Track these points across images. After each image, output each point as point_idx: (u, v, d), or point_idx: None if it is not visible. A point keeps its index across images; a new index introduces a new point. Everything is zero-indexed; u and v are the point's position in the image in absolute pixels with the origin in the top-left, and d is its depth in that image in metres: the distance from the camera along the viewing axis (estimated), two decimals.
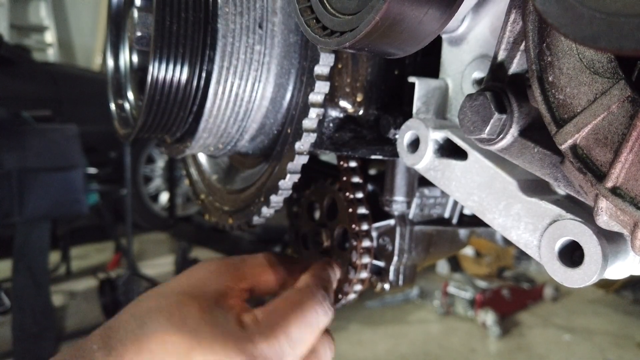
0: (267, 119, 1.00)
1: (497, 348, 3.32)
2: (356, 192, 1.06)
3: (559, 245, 0.64)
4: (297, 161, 0.95)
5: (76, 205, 2.93)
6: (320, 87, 0.89)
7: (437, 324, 3.66)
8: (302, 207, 1.18)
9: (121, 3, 1.20)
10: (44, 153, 2.81)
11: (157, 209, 5.27)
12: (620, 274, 0.65)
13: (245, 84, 0.94)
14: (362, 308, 3.72)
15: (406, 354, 3.15)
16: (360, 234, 1.04)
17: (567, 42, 0.56)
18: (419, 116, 0.86)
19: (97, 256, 4.75)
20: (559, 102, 0.58)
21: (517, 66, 0.66)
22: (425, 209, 1.11)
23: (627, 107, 0.51)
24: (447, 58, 0.86)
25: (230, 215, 1.15)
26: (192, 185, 1.32)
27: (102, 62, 6.88)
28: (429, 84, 0.86)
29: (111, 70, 1.20)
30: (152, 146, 5.07)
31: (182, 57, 0.88)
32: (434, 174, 0.82)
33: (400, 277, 1.08)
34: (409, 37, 0.60)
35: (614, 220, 0.55)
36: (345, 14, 0.62)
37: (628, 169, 0.51)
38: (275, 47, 0.94)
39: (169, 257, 4.62)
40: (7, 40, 5.48)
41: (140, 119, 0.94)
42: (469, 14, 0.81)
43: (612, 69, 0.53)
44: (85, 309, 3.56)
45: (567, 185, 0.63)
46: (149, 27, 0.94)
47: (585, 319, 3.77)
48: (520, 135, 0.66)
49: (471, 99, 0.67)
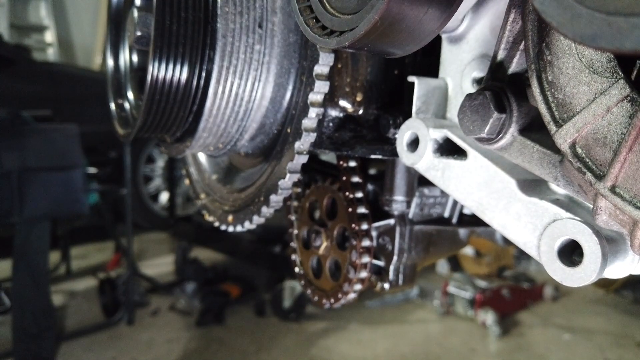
0: (267, 119, 1.00)
1: (497, 348, 3.32)
2: (356, 192, 1.06)
3: (559, 244, 0.64)
4: (297, 161, 0.95)
5: (76, 205, 2.93)
6: (320, 86, 0.89)
7: (437, 323, 3.67)
8: (302, 207, 1.18)
9: (121, 3, 1.20)
10: (44, 153, 2.80)
11: (157, 208, 5.27)
12: (620, 273, 0.65)
13: (245, 84, 0.94)
14: (362, 308, 3.72)
15: (406, 354, 3.15)
16: (360, 233, 1.04)
17: (566, 41, 0.56)
18: (419, 115, 0.86)
19: (97, 256, 4.75)
20: (558, 101, 0.58)
21: (517, 65, 0.66)
22: (425, 209, 1.11)
23: (626, 106, 0.51)
24: (446, 57, 0.86)
25: (230, 214, 1.15)
26: (192, 185, 1.32)
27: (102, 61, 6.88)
28: (429, 84, 0.86)
29: (111, 70, 1.20)
30: (152, 146, 5.07)
31: (182, 56, 0.88)
32: (434, 173, 0.82)
33: (400, 276, 1.08)
34: (409, 37, 0.60)
35: (613, 220, 0.55)
36: (344, 13, 0.62)
37: (627, 168, 0.51)
38: (275, 46, 0.94)
39: (169, 257, 4.62)
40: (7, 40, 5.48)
41: (140, 118, 0.94)
42: (468, 14, 0.81)
43: (612, 68, 0.53)
44: (85, 309, 3.56)
45: (566, 184, 0.63)
46: (149, 26, 0.95)
47: (585, 319, 3.77)
48: (520, 134, 0.66)
49: (471, 98, 0.67)
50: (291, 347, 3.17)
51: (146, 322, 3.44)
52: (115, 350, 3.04)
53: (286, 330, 3.39)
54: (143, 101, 0.91)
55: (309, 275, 1.18)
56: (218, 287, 3.78)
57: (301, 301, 3.50)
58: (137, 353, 3.03)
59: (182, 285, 3.84)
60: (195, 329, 3.36)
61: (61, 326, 3.29)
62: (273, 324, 3.50)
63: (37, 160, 2.77)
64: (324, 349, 3.16)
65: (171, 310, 3.63)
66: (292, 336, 3.32)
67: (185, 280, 3.90)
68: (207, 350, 3.10)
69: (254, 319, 3.57)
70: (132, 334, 3.26)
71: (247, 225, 1.11)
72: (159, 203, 5.42)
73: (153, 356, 3.00)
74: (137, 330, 3.32)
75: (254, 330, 3.40)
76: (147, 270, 4.15)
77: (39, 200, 2.76)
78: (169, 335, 3.27)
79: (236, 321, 3.51)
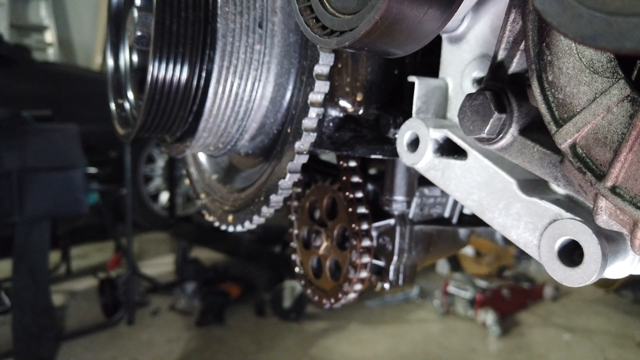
0: (267, 119, 1.00)
1: (497, 348, 3.32)
2: (356, 192, 1.06)
3: (559, 244, 0.64)
4: (297, 160, 0.95)
5: (76, 205, 2.93)
6: (320, 86, 0.89)
7: (437, 323, 3.67)
8: (302, 206, 1.18)
9: (121, 3, 1.20)
10: (44, 153, 2.80)
11: (157, 208, 5.26)
12: (620, 274, 0.65)
13: (245, 84, 0.94)
14: (362, 308, 3.72)
15: (406, 354, 3.15)
16: (360, 233, 1.04)
17: (566, 41, 0.56)
18: (419, 115, 0.86)
19: (97, 256, 4.75)
20: (558, 101, 0.58)
21: (517, 65, 0.66)
22: (425, 209, 1.11)
23: (626, 106, 0.51)
24: (447, 57, 0.86)
25: (230, 214, 1.15)
26: (192, 185, 1.32)
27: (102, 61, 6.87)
28: (429, 84, 0.86)
29: (111, 70, 1.20)
30: (152, 146, 5.07)
31: (182, 56, 0.88)
32: (434, 173, 0.82)
33: (400, 276, 1.08)
34: (409, 37, 0.60)
35: (614, 220, 0.55)
36: (345, 13, 0.62)
37: (628, 168, 0.51)
38: (275, 46, 0.94)
39: (169, 257, 4.62)
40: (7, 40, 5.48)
41: (140, 118, 0.94)
42: (468, 14, 0.81)
43: (612, 68, 0.53)
44: (85, 308, 3.56)
45: (566, 184, 0.63)
46: (149, 26, 0.95)
47: (585, 319, 3.77)
48: (520, 134, 0.66)
49: (471, 98, 0.67)
50: (291, 347, 3.17)
51: (146, 322, 3.44)
52: (115, 350, 3.05)
53: (286, 330, 3.39)
54: (143, 101, 0.91)
55: (309, 275, 1.18)
56: (218, 287, 3.78)
57: (301, 301, 3.50)
58: (137, 353, 3.03)
59: (182, 285, 3.84)
60: (195, 329, 3.36)
61: (61, 326, 3.28)
62: (273, 324, 3.50)
63: (37, 160, 2.77)
64: (324, 349, 3.16)
65: (171, 310, 3.63)
66: (292, 336, 3.32)
67: (185, 280, 3.90)
68: (207, 350, 3.10)
69: (254, 319, 3.57)
70: (132, 334, 3.26)
71: (247, 225, 1.11)
72: (159, 203, 5.42)
73: (153, 356, 3.00)
74: (137, 330, 3.32)
75: (254, 330, 3.40)
76: (147, 270, 4.15)
77: (39, 200, 2.76)
78: (169, 335, 3.27)
79: (236, 321, 3.51)
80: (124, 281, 3.40)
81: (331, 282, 1.12)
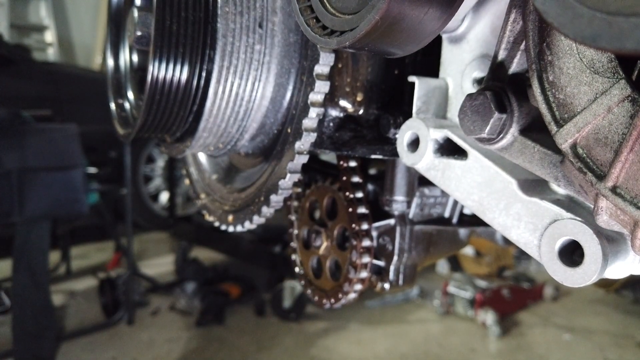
0: (267, 119, 1.00)
1: (497, 348, 3.32)
2: (356, 192, 1.06)
3: (559, 244, 0.64)
4: (297, 160, 0.95)
5: (76, 205, 2.93)
6: (320, 86, 0.89)
7: (437, 323, 3.66)
8: (302, 206, 1.18)
9: (121, 3, 1.20)
10: (44, 153, 2.80)
11: (157, 208, 5.27)
12: (621, 274, 0.65)
13: (246, 84, 0.94)
14: (362, 308, 3.72)
15: (406, 354, 3.15)
16: (360, 233, 1.04)
17: (567, 41, 0.56)
18: (419, 116, 0.86)
19: (97, 256, 4.75)
20: (559, 101, 0.58)
21: (518, 66, 0.66)
22: (425, 209, 1.11)
23: (627, 106, 0.51)
24: (447, 57, 0.86)
25: (230, 214, 1.15)
26: (192, 185, 1.32)
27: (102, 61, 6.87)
28: (429, 84, 0.86)
29: (111, 70, 1.20)
30: (152, 146, 5.07)
31: (182, 56, 0.88)
32: (434, 173, 0.82)
33: (400, 276, 1.08)
34: (409, 37, 0.60)
35: (614, 220, 0.55)
36: (345, 13, 0.62)
37: (628, 168, 0.51)
38: (275, 46, 0.94)
39: (169, 257, 4.62)
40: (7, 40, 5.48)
41: (140, 118, 0.94)
42: (469, 14, 0.81)
43: (612, 68, 0.53)
44: (85, 308, 3.56)
45: (567, 184, 0.63)
46: (149, 26, 0.95)
47: (585, 319, 3.77)
48: (521, 134, 0.66)
49: (471, 98, 0.67)
50: (291, 347, 3.17)
51: (146, 322, 3.44)
52: (115, 350, 3.04)
53: (286, 330, 3.39)
54: (143, 101, 0.91)
55: (309, 275, 1.18)
56: (218, 287, 3.78)
57: (301, 301, 3.50)
58: (137, 353, 3.03)
59: (182, 285, 3.84)
60: (195, 329, 3.36)
61: (61, 326, 3.28)
62: (273, 324, 3.50)
63: (37, 160, 2.77)
64: (324, 349, 3.16)
65: (171, 310, 3.63)
66: (292, 336, 3.32)
67: (185, 280, 3.89)
68: (207, 350, 3.10)
69: (254, 319, 3.57)
70: (132, 334, 3.26)
71: (247, 225, 1.11)
72: (159, 203, 5.42)
73: (153, 356, 3.00)
74: (137, 330, 3.32)
75: (254, 330, 3.40)
76: (147, 270, 4.15)
77: (39, 200, 2.76)
78: (169, 335, 3.27)
79: (236, 321, 3.51)
80: (124, 281, 3.40)
81: (331, 282, 1.12)
